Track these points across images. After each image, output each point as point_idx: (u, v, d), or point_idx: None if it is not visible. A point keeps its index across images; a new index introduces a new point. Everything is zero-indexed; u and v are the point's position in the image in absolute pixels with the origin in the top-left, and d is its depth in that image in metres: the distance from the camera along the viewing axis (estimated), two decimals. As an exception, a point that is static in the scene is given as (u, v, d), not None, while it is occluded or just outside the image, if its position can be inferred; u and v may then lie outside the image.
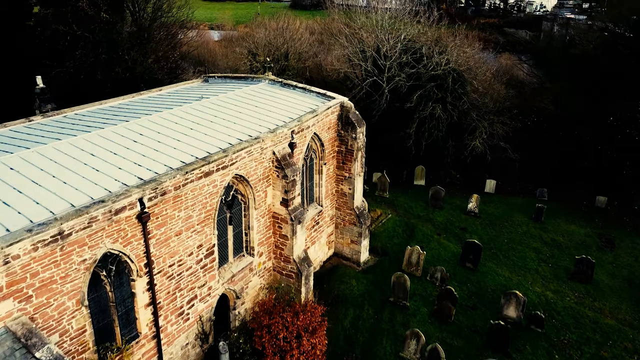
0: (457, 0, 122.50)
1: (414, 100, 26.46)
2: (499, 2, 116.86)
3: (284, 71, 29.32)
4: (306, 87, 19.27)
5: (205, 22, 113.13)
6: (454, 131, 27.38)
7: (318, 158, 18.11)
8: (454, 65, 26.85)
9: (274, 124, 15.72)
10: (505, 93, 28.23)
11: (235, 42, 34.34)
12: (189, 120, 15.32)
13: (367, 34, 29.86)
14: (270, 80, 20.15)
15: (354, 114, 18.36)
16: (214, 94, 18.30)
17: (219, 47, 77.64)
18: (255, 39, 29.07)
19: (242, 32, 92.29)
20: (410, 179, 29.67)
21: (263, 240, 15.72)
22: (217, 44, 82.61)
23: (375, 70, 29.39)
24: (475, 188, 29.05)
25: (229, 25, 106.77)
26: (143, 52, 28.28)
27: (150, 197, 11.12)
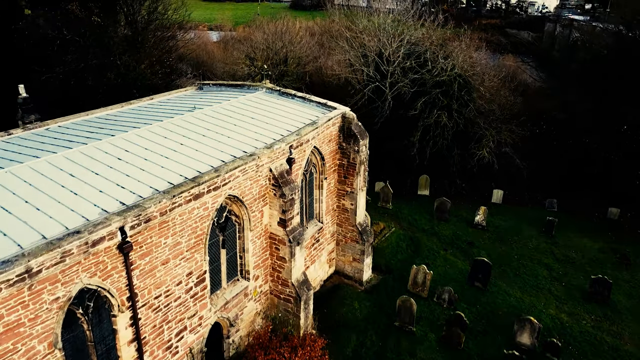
0: (458, 1, 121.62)
1: (418, 108, 25.41)
2: (501, 3, 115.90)
3: (282, 76, 28.32)
4: (305, 97, 18.24)
5: (205, 22, 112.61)
6: (459, 139, 26.35)
7: (318, 172, 17.09)
8: (460, 70, 25.82)
9: (270, 138, 14.69)
10: (513, 99, 27.14)
11: (234, 44, 33.29)
12: (179, 134, 14.30)
13: (369, 37, 28.82)
14: (267, 88, 19.12)
15: (356, 126, 17.33)
16: (208, 104, 17.29)
17: (217, 48, 76.64)
18: (253, 43, 28.05)
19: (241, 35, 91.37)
20: (413, 189, 28.62)
21: (259, 262, 14.68)
22: (215, 45, 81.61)
23: (377, 76, 28.36)
24: (481, 198, 28.04)
25: (228, 26, 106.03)
26: (136, 57, 27.26)
27: (133, 224, 10.09)
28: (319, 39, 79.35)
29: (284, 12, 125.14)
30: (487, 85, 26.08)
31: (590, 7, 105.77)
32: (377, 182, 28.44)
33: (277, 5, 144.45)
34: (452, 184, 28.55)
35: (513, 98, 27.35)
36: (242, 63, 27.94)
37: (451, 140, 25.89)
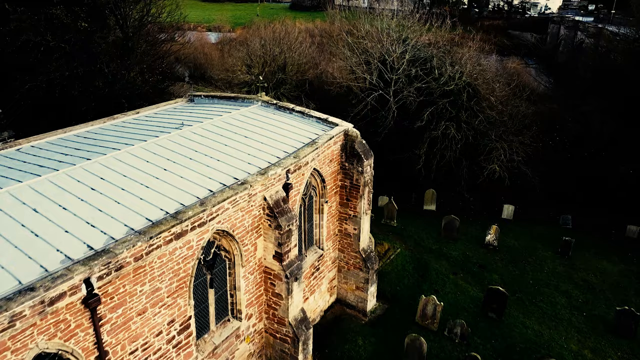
0: (460, 2, 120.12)
1: (425, 119, 23.96)
2: (503, 4, 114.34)
3: (280, 85, 26.87)
4: (304, 111, 16.79)
5: (203, 23, 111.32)
6: (468, 152, 24.90)
7: (318, 195, 15.64)
8: (469, 78, 24.36)
9: (265, 161, 13.25)
10: (524, 109, 25.66)
11: (229, 50, 31.80)
12: (163, 157, 12.86)
13: (372, 43, 27.40)
14: (263, 102, 17.68)
15: (360, 144, 15.88)
16: (197, 120, 15.86)
17: (215, 51, 75.40)
18: (250, 49, 26.62)
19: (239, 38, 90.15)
20: (419, 203, 27.19)
21: (252, 300, 13.24)
22: (213, 47, 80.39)
23: (380, 83, 26.94)
24: (491, 213, 26.63)
25: (227, 27, 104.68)
26: (125, 64, 25.80)
27: (102, 274, 8.66)
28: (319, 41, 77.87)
29: (284, 13, 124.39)
30: (498, 95, 24.61)
31: (594, 8, 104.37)
32: (381, 197, 27.05)
33: (277, 5, 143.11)
34: (460, 198, 27.12)
35: (525, 107, 25.85)
36: (238, 70, 26.52)
37: (459, 153, 24.41)
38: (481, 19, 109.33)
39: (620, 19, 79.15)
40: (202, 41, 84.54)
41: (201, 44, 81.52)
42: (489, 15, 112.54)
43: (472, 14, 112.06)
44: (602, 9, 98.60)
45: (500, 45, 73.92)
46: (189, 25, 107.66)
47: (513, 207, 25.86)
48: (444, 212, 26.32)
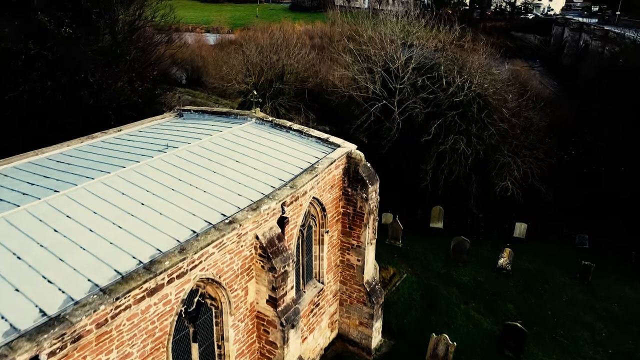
0: (461, 3, 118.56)
1: (432, 132, 22.43)
2: (505, 5, 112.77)
3: (278, 95, 25.35)
4: (303, 130, 15.26)
5: (202, 24, 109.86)
6: (478, 167, 23.36)
7: (318, 225, 14.12)
8: (479, 89, 22.84)
9: (258, 192, 11.72)
10: (538, 120, 24.08)
11: (224, 57, 30.16)
12: (142, 187, 11.35)
13: (375, 49, 25.87)
14: (257, 119, 16.16)
15: (364, 168, 14.36)
16: (184, 140, 14.35)
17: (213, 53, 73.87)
18: (246, 56, 25.09)
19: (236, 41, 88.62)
20: (425, 220, 25.69)
21: (244, 349, 11.70)
22: (211, 49, 78.85)
23: (384, 93, 25.42)
24: (501, 232, 25.16)
25: (226, 28, 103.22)
26: (113, 73, 24.27)
27: (54, 349, 7.11)
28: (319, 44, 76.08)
29: (283, 14, 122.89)
30: (511, 106, 23.06)
31: (598, 9, 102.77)
32: (385, 214, 25.51)
33: (277, 6, 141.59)
34: (469, 214, 25.60)
35: (538, 119, 24.27)
36: (233, 79, 24.99)
37: (469, 168, 22.88)
38: (483, 20, 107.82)
39: (626, 20, 77.71)
40: (200, 43, 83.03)
41: (199, 45, 80.00)
42: (491, 17, 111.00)
43: (474, 15, 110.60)
44: (605, 10, 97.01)
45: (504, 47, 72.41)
46: (188, 27, 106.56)
47: (525, 225, 24.34)
48: (452, 230, 24.87)
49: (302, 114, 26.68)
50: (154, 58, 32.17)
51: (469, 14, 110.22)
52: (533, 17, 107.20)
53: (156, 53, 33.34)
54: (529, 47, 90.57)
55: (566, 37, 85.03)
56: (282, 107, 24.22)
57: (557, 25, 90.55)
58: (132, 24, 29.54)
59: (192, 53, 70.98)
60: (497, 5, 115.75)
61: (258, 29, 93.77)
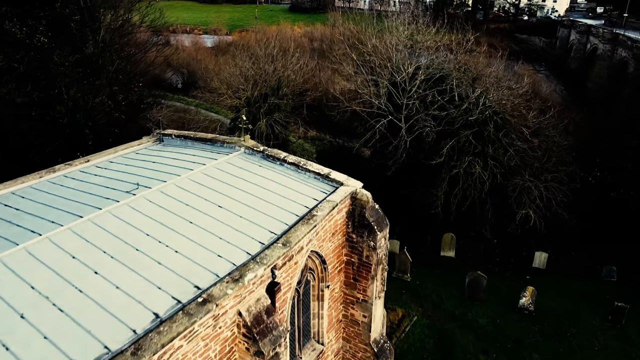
0: (464, 4, 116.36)
1: (445, 153, 20.22)
2: (509, 6, 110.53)
3: (273, 110, 23.15)
4: (299, 163, 13.07)
5: (200, 26, 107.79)
6: (495, 191, 21.15)
7: (317, 279, 11.94)
8: (495, 105, 20.63)
9: (243, 251, 9.59)
10: (560, 140, 21.82)
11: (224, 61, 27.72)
12: (98, 247, 9.25)
13: (380, 59, 23.68)
14: (247, 148, 13.99)
15: (372, 211, 12.17)
16: (159, 177, 12.19)
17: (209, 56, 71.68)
18: (239, 67, 22.88)
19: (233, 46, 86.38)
20: (435, 248, 23.50)
21: None
22: (208, 52, 76.70)
23: (390, 107, 23.22)
24: (519, 260, 23.00)
25: (224, 30, 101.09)
26: (92, 86, 22.11)
27: None
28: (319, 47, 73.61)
29: (283, 16, 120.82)
30: (531, 125, 20.81)
31: (603, 10, 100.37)
32: (391, 240, 23.28)
33: (276, 7, 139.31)
34: (482, 240, 23.40)
35: (561, 138, 21.99)
36: (225, 93, 22.80)
37: (485, 193, 20.68)
38: (487, 21, 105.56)
39: (634, 22, 75.44)
40: (197, 45, 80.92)
41: (196, 48, 77.90)
42: (494, 18, 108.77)
43: (476, 17, 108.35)
44: (611, 11, 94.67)
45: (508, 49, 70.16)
46: (185, 28, 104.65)
47: (546, 254, 22.15)
48: (465, 259, 22.74)
49: (300, 128, 24.48)
50: (141, 67, 30.05)
51: (471, 16, 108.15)
52: (538, 19, 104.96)
53: (145, 61, 31.24)
54: (533, 49, 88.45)
55: (572, 39, 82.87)
56: (278, 124, 22.08)
57: (563, 27, 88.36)
58: (117, 31, 27.41)
59: (188, 56, 68.95)
60: (500, 6, 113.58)
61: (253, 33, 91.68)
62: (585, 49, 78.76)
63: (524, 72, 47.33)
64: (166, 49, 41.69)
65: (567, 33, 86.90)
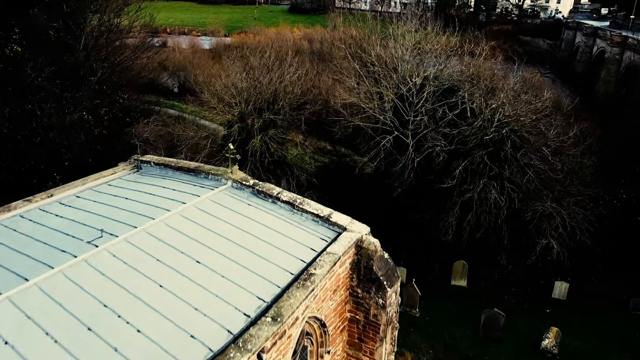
0: (466, 5, 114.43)
1: (457, 176, 18.34)
2: (512, 7, 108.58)
3: (268, 126, 21.27)
4: (295, 202, 11.21)
5: (198, 27, 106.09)
6: (512, 216, 19.27)
7: (316, 344, 10.02)
8: (513, 122, 18.75)
9: (222, 329, 7.74)
10: (586, 160, 19.85)
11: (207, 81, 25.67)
12: (40, 326, 7.50)
13: (385, 70, 21.82)
14: (234, 182, 12.13)
15: (380, 263, 10.31)
16: (129, 221, 10.34)
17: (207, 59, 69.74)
18: (231, 79, 20.96)
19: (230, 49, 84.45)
20: (444, 275, 21.63)
21: None
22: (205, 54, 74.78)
23: (396, 121, 21.34)
24: (537, 289, 21.19)
25: (222, 31, 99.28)
26: (71, 100, 20.25)
27: None
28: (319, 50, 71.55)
29: (282, 17, 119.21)
30: (552, 144, 18.90)
31: (608, 12, 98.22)
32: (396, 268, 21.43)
33: (276, 8, 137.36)
34: (496, 268, 21.53)
35: (586, 159, 20.02)
36: (218, 109, 20.85)
37: (501, 220, 18.80)
38: (489, 23, 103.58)
39: (641, 24, 73.50)
40: (195, 47, 79.01)
41: (193, 50, 75.95)
42: (497, 20, 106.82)
43: (479, 18, 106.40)
44: (616, 12, 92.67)
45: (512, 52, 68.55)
46: (183, 30, 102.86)
47: (567, 285, 20.27)
48: (477, 288, 20.95)
49: (298, 145, 22.60)
50: (131, 75, 28.25)
51: (474, 17, 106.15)
52: (542, 21, 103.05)
53: (134, 68, 29.45)
54: (538, 52, 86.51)
55: (578, 42, 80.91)
56: (273, 141, 20.25)
57: (568, 29, 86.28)
58: (102, 38, 25.59)
59: (184, 59, 67.01)
60: (502, 7, 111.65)
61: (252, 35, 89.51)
62: (592, 51, 76.84)
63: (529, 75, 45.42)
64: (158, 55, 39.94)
65: (572, 35, 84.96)
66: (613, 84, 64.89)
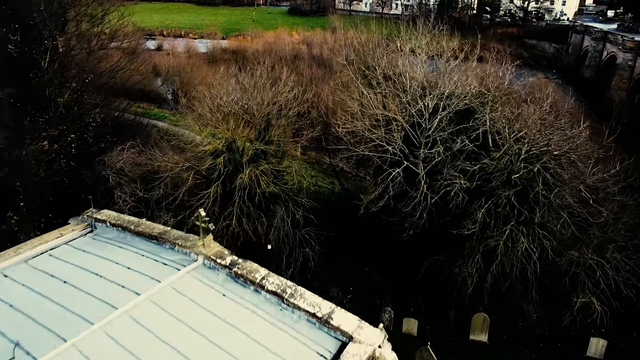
0: (469, 7, 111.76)
1: (479, 220, 15.60)
2: (516, 10, 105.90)
3: (260, 156, 18.52)
4: (284, 295, 8.57)
5: (195, 29, 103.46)
6: (542, 266, 16.51)
7: None
8: (544, 154, 16.02)
9: None
10: (621, 199, 17.09)
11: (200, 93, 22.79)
12: None
13: (394, 91, 19.12)
14: (207, 259, 9.43)
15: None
16: (58, 331, 7.67)
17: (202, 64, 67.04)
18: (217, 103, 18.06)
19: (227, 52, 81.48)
20: (461, 327, 18.89)
21: None
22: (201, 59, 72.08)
23: (405, 150, 18.62)
24: (567, 344, 18.32)
25: (219, 34, 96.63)
26: (28, 129, 17.50)
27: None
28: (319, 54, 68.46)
29: (281, 19, 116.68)
30: (591, 183, 16.11)
31: (614, 14, 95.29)
32: (406, 319, 18.79)
33: (275, 10, 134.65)
34: (520, 317, 18.77)
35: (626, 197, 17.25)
36: (201, 136, 18.02)
37: (531, 271, 16.06)
38: (493, 25, 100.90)
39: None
40: (190, 52, 76.31)
41: (188, 55, 73.22)
42: (502, 22, 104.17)
43: (483, 21, 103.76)
44: (622, 14, 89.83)
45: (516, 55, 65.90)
46: (180, 32, 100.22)
47: (604, 342, 17.53)
48: (499, 342, 18.26)
49: (295, 175, 19.85)
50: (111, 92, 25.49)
51: (477, 19, 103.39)
52: (547, 23, 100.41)
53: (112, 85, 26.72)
54: (544, 56, 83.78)
55: (586, 46, 78.27)
56: (264, 176, 17.51)
57: (576, 33, 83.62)
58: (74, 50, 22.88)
59: (178, 65, 64.31)
60: (506, 10, 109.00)
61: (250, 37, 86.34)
62: (602, 57, 74.23)
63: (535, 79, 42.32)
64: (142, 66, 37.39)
65: (580, 39, 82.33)
66: (626, 91, 62.36)
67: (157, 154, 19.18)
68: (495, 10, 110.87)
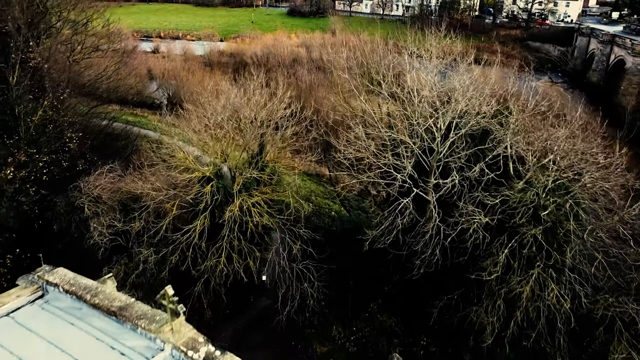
0: (471, 9, 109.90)
1: (501, 262, 13.60)
2: (519, 12, 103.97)
3: (252, 184, 16.54)
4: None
5: (193, 31, 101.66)
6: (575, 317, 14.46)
7: None
8: (577, 189, 14.01)
9: None
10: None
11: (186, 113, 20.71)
12: None
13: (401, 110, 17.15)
14: (176, 349, 7.49)
15: None
16: None
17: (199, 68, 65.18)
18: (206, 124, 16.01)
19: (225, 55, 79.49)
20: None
21: None
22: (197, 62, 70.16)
23: (415, 175, 16.64)
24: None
25: (217, 36, 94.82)
26: None
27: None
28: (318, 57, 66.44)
29: (281, 20, 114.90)
30: (630, 219, 14.08)
31: (619, 16, 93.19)
32: (417, 366, 16.78)
33: (274, 11, 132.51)
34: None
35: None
36: (187, 163, 15.90)
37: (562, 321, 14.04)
38: (496, 27, 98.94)
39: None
40: (187, 55, 74.33)
41: (185, 58, 71.24)
42: (505, 24, 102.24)
43: (486, 23, 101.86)
44: (627, 16, 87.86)
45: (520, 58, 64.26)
46: (177, 34, 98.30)
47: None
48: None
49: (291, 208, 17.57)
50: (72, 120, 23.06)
51: (479, 21, 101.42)
52: (551, 25, 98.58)
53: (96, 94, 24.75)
54: (548, 59, 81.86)
55: (593, 49, 76.47)
56: (258, 207, 15.51)
57: (582, 35, 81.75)
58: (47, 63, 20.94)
59: (174, 68, 62.39)
60: (509, 11, 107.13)
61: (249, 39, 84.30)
62: (609, 60, 72.42)
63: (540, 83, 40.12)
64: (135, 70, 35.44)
65: (586, 42, 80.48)
66: (635, 96, 60.76)
67: (139, 182, 17.16)
68: (497, 12, 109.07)
